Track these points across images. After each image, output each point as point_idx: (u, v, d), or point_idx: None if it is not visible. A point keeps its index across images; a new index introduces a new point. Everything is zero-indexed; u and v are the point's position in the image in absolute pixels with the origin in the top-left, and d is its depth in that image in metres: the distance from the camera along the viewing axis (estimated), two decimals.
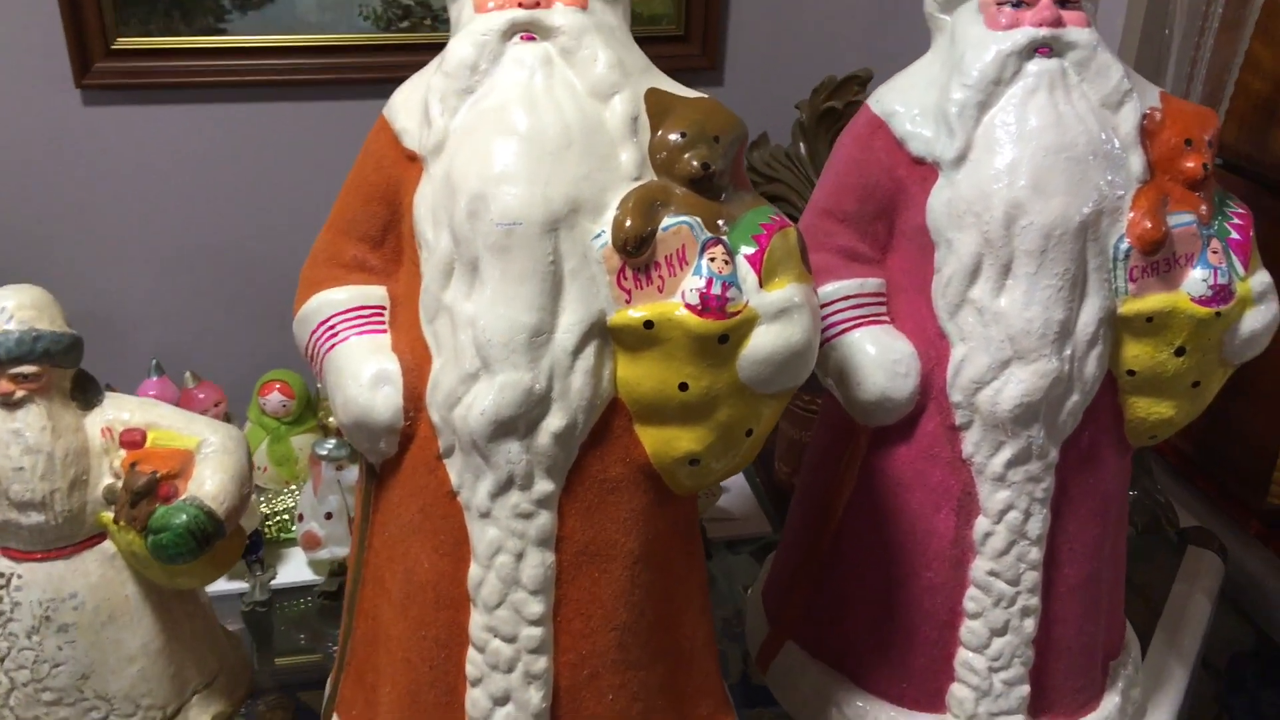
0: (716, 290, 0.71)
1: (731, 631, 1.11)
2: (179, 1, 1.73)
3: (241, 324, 1.86)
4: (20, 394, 0.79)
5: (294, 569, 1.18)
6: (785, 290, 0.73)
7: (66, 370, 0.82)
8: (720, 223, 0.74)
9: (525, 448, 0.73)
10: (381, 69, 1.84)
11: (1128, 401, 0.86)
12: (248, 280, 1.85)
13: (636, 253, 0.71)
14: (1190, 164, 0.81)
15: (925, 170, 0.84)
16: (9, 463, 0.79)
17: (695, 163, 0.73)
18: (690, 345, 0.72)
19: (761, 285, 0.73)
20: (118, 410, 0.84)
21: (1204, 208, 0.83)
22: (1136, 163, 0.82)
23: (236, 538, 0.88)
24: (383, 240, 0.80)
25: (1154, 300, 0.82)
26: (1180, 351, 0.83)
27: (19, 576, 0.83)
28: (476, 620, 0.76)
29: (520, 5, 0.75)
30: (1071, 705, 0.93)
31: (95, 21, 1.64)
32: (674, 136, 0.74)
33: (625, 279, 0.72)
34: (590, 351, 0.73)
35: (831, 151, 0.91)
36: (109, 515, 0.83)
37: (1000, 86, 0.81)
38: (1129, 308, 0.82)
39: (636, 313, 0.72)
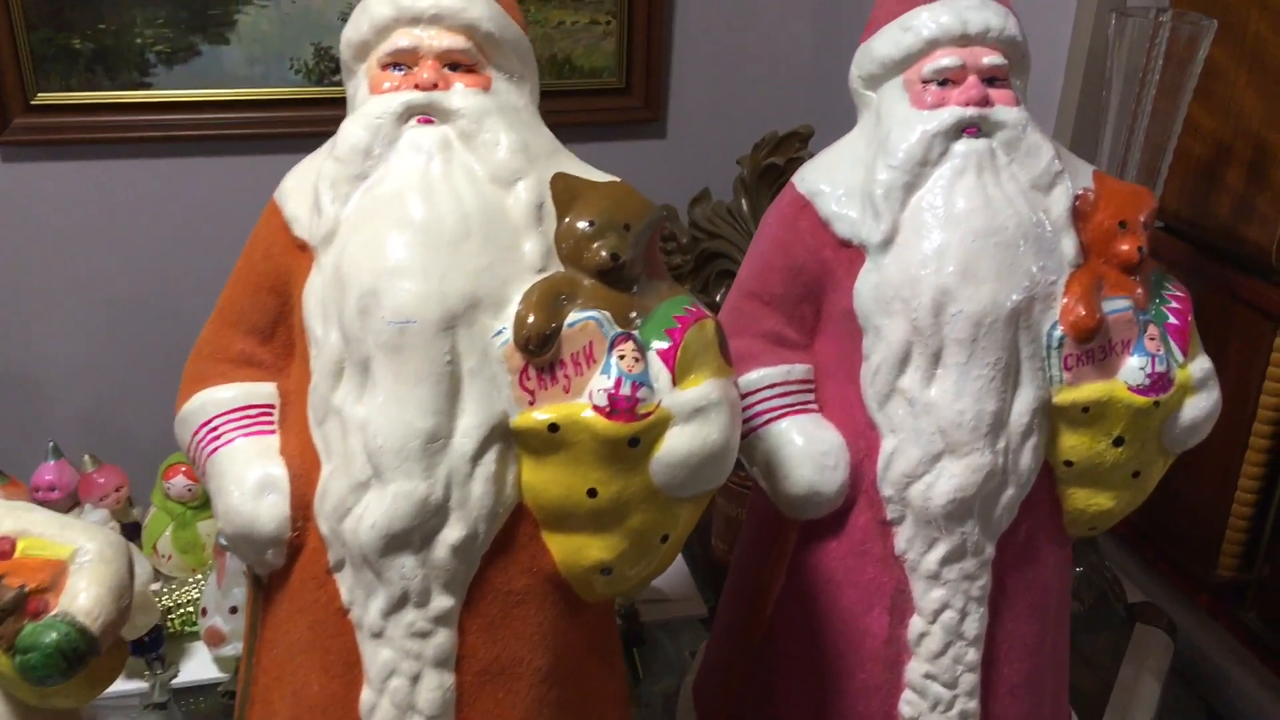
0: (626, 390, 0.67)
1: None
2: (101, 56, 1.68)
3: (148, 400, 1.80)
4: None
5: (198, 665, 1.11)
6: (701, 388, 0.69)
7: None
8: (632, 315, 0.69)
9: (420, 561, 0.67)
10: (313, 123, 1.79)
11: (1065, 493, 0.82)
12: (159, 351, 1.78)
13: (539, 351, 0.67)
14: (1125, 247, 0.78)
15: (852, 253, 0.80)
16: None
17: (604, 253, 0.69)
18: (598, 449, 0.67)
19: (675, 383, 0.68)
20: None
21: (1140, 291, 0.79)
22: (1069, 246, 0.78)
23: (116, 652, 0.81)
24: (272, 333, 0.75)
25: (1090, 389, 0.78)
26: (1119, 441, 0.79)
27: None
28: None
29: (417, 87, 0.70)
30: None
31: (14, 76, 1.59)
32: (582, 225, 0.69)
33: (528, 379, 0.67)
34: (491, 456, 0.68)
35: (757, 230, 0.87)
36: None
37: (927, 168, 0.77)
38: (1064, 397, 0.78)
39: (541, 415, 0.67)
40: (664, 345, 0.69)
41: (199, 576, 1.15)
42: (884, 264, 0.78)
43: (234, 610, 1.07)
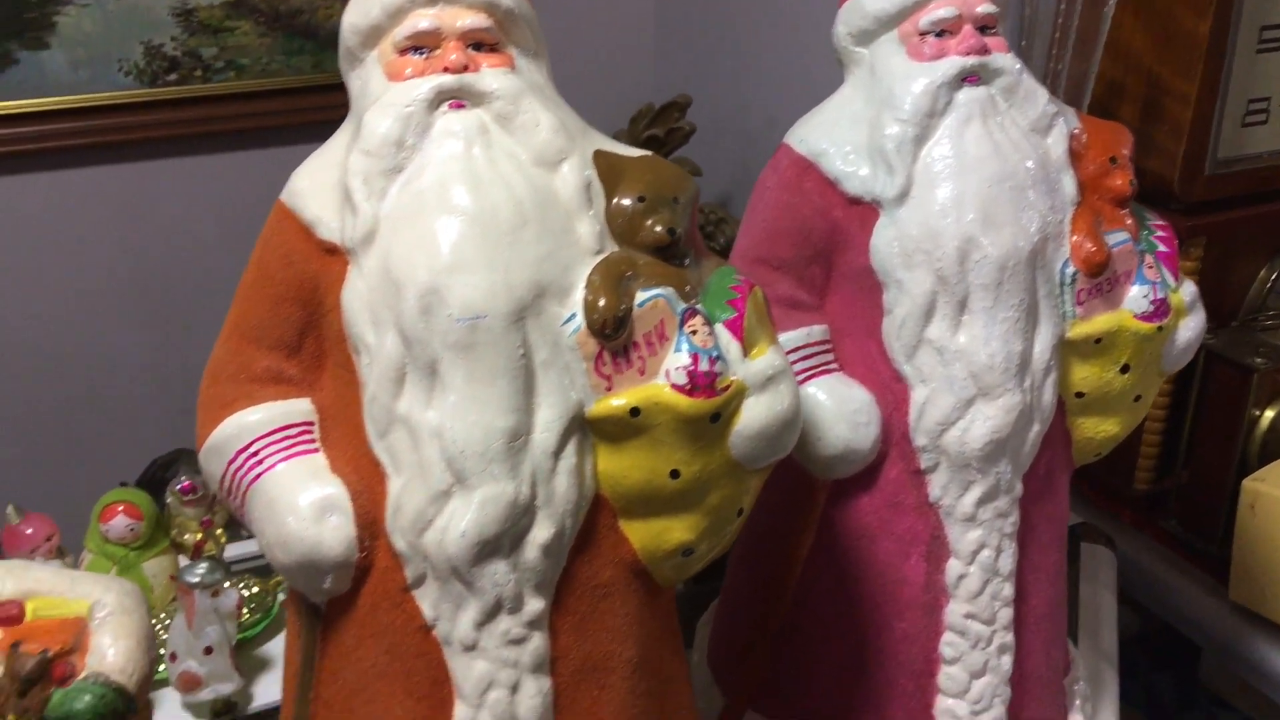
0: (704, 366, 0.65)
1: None
2: None
3: (60, 442, 1.66)
4: None
5: (166, 716, 1.03)
6: (767, 356, 0.68)
7: None
8: (689, 289, 0.68)
9: (512, 566, 0.64)
10: (149, 128, 1.68)
11: (1075, 423, 0.86)
12: (49, 386, 1.65)
13: (615, 334, 0.64)
14: (1118, 182, 0.82)
15: (864, 210, 0.80)
16: None
17: (659, 228, 0.67)
18: (680, 429, 0.65)
19: (745, 353, 0.67)
20: None
21: (1130, 223, 0.83)
22: (1069, 185, 0.81)
23: (145, 710, 0.75)
24: (299, 346, 0.70)
25: (1100, 321, 0.81)
26: (1125, 369, 0.83)
27: None
28: None
29: (446, 70, 0.66)
30: None
31: None
32: (632, 202, 0.67)
33: (604, 364, 0.65)
34: (572, 449, 0.65)
35: (752, 197, 0.86)
36: None
37: (934, 119, 0.79)
38: (1077, 331, 0.81)
39: (619, 400, 0.65)
40: (729, 316, 0.68)
41: (160, 619, 1.06)
42: (901, 217, 0.79)
43: (209, 651, 0.99)
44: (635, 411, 0.65)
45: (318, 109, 1.72)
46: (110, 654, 0.70)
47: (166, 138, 1.70)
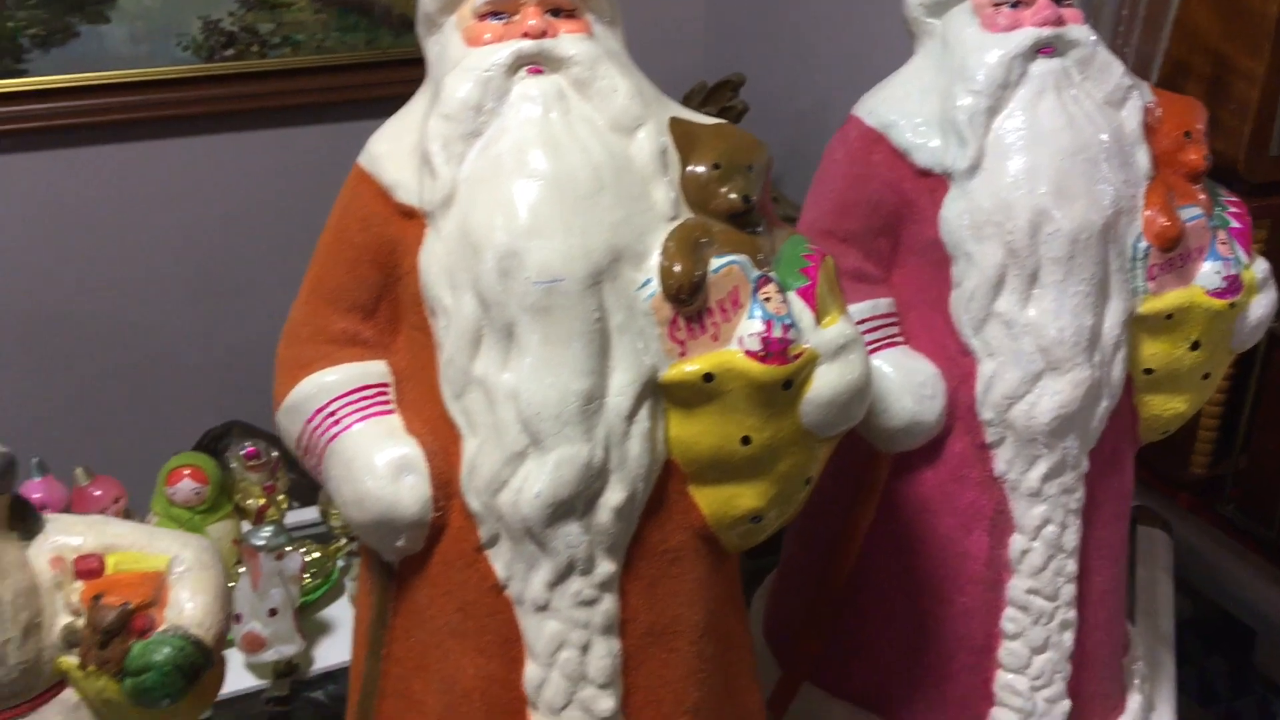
0: (777, 333, 0.66)
1: None
2: None
3: (118, 412, 1.69)
4: None
5: (233, 675, 1.05)
6: (839, 325, 0.68)
7: (2, 497, 0.69)
8: (761, 256, 0.68)
9: (585, 528, 0.65)
10: (207, 102, 1.70)
11: (1142, 400, 0.85)
12: (106, 357, 1.68)
13: (691, 300, 0.65)
14: (1193, 156, 0.81)
15: (934, 181, 0.80)
16: None
17: (734, 195, 0.67)
18: (753, 395, 0.66)
19: (818, 321, 0.68)
20: (65, 535, 0.71)
21: (1204, 198, 0.83)
22: (1143, 159, 0.81)
23: (219, 665, 0.76)
24: (375, 309, 0.71)
25: (1173, 297, 0.81)
26: (1195, 345, 0.82)
27: None
28: None
29: (525, 35, 0.67)
30: (1102, 710, 0.91)
31: None
32: (707, 169, 0.68)
33: (678, 330, 0.65)
34: (645, 413, 0.66)
35: (820, 169, 0.86)
36: (72, 661, 0.70)
37: (1007, 90, 0.78)
38: (1149, 306, 0.81)
39: (693, 366, 0.66)
40: (803, 284, 0.68)
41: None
42: (971, 189, 0.79)
43: (273, 613, 1.01)
44: (709, 377, 0.65)
45: (370, 85, 1.73)
46: (188, 608, 0.71)
47: (222, 112, 1.72)
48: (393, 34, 1.73)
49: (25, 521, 0.71)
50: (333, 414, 0.69)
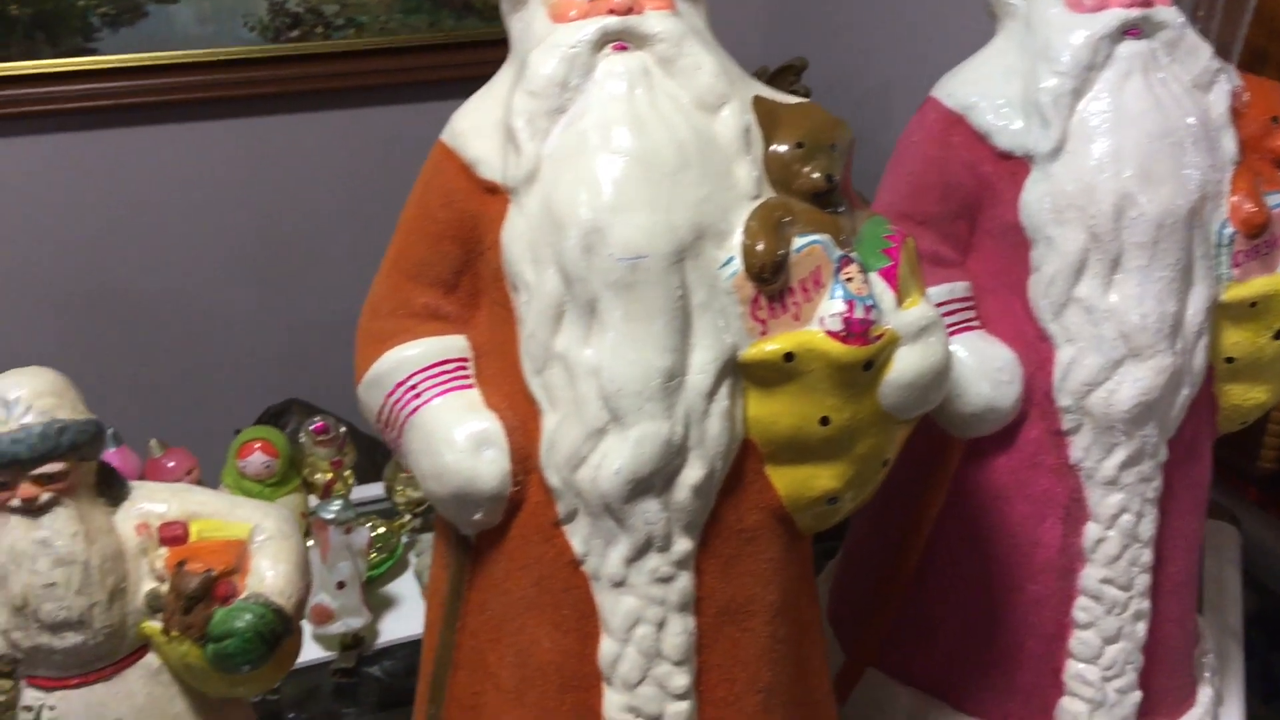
0: (859, 314, 0.65)
1: None
2: (41, 21, 1.57)
3: (182, 388, 1.72)
4: (46, 497, 0.67)
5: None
6: (921, 307, 0.68)
7: (91, 463, 0.70)
8: (843, 237, 0.68)
9: (663, 505, 0.65)
10: (271, 83, 1.72)
11: (1222, 389, 0.84)
12: (172, 332, 1.70)
13: (773, 278, 0.65)
14: None
15: (1014, 164, 0.79)
16: (38, 579, 0.67)
17: (816, 174, 0.67)
18: (833, 376, 0.65)
19: (899, 304, 0.67)
20: (150, 501, 0.73)
21: None
22: (1229, 144, 0.79)
23: (297, 634, 0.77)
24: (456, 284, 0.71)
25: (1258, 284, 0.79)
26: (1278, 335, 0.81)
27: (50, 709, 0.71)
28: (613, 701, 0.68)
29: (611, 11, 0.67)
30: (1173, 703, 0.90)
31: None
32: (790, 148, 0.67)
33: (760, 308, 0.65)
34: (724, 391, 0.66)
35: (896, 150, 0.86)
36: (155, 625, 0.71)
37: (1093, 72, 0.77)
38: (1233, 294, 0.79)
39: (773, 345, 0.65)
40: (884, 265, 0.67)
41: None
42: (1054, 173, 0.78)
43: (341, 585, 1.03)
44: (789, 356, 0.65)
45: (433, 68, 1.75)
46: (269, 576, 0.72)
47: (287, 93, 1.74)
48: (454, 17, 1.74)
49: (112, 488, 0.72)
50: (413, 387, 0.69)
